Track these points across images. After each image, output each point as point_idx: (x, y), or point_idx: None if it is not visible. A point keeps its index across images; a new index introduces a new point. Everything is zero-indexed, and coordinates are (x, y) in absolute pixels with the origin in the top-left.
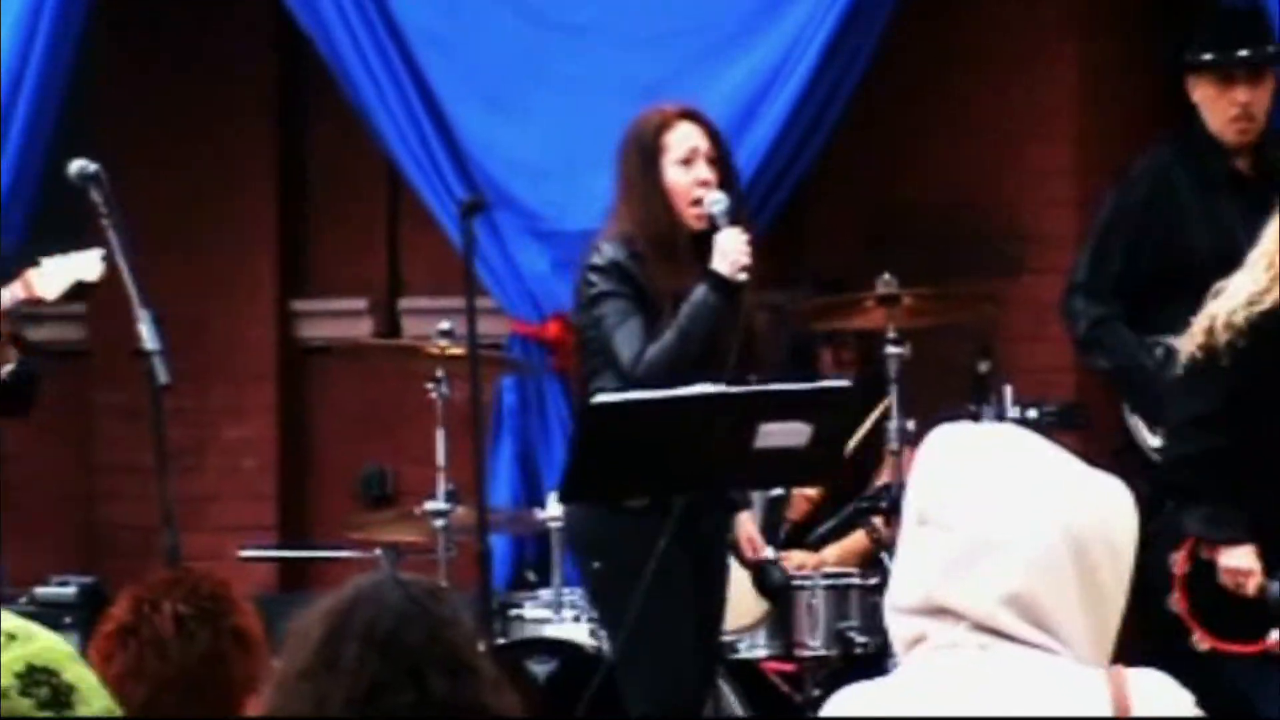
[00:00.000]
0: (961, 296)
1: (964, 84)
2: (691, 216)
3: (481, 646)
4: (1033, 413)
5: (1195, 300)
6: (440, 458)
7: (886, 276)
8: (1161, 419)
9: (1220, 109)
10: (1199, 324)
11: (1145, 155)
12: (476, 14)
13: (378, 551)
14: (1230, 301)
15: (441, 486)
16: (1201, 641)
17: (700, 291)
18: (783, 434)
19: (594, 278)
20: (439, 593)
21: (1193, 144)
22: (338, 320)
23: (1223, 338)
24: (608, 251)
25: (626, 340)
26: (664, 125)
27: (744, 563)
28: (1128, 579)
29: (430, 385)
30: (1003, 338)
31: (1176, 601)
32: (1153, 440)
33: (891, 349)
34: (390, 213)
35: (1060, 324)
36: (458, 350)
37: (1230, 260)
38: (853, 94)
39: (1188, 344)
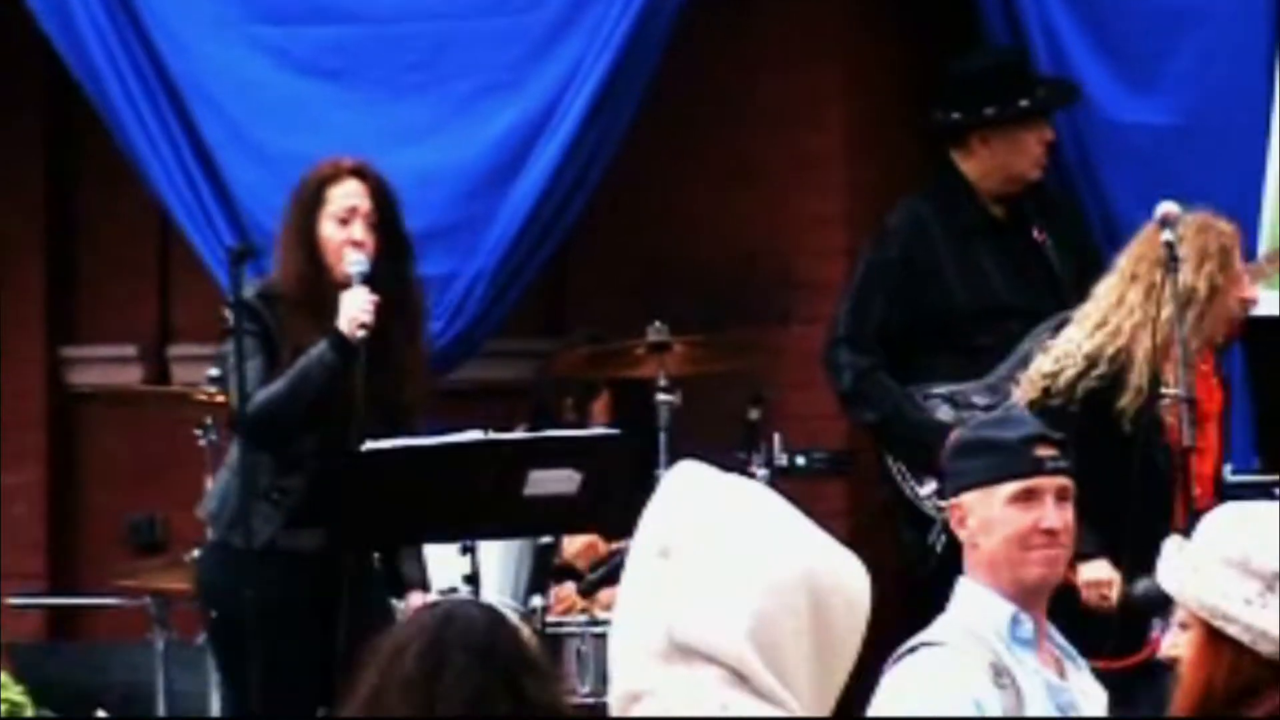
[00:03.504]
0: (732, 344)
1: (734, 133)
2: (338, 273)
3: None
4: (801, 460)
5: (956, 348)
6: None
7: (657, 324)
8: (927, 468)
9: (1028, 149)
10: (1032, 372)
11: (900, 208)
12: (239, 62)
13: (146, 599)
14: (1057, 361)
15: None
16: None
17: (319, 348)
18: (552, 481)
19: (226, 313)
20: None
21: (949, 195)
22: (107, 366)
23: (1054, 385)
24: (246, 291)
25: (239, 381)
26: (330, 179)
27: None
28: (857, 645)
29: (199, 432)
30: (773, 385)
31: None
32: (921, 489)
33: (662, 396)
34: (160, 259)
35: None
36: (225, 396)
37: (990, 310)
38: (623, 142)
39: (1020, 391)
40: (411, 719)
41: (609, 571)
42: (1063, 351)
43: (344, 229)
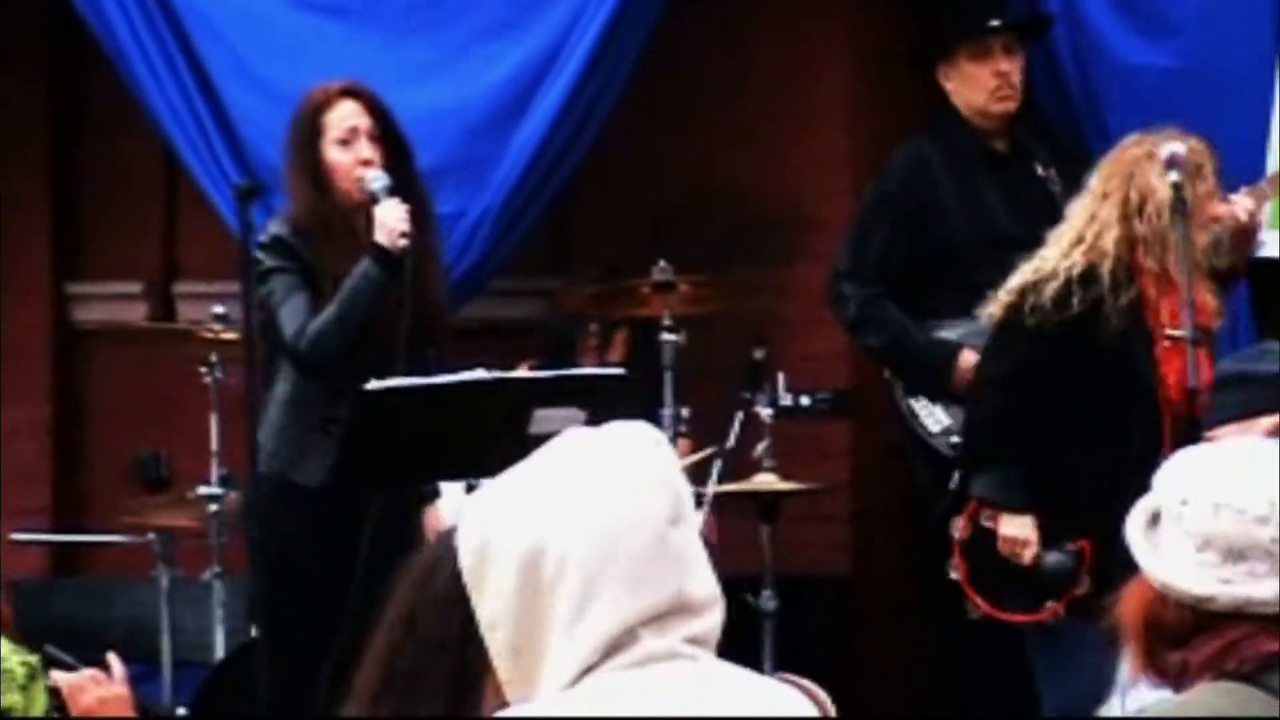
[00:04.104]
0: (737, 284)
1: (741, 76)
2: (355, 195)
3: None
4: (805, 400)
5: (960, 284)
6: (214, 442)
7: (662, 264)
8: (938, 389)
9: (981, 82)
10: (1005, 289)
11: (902, 148)
12: (246, 3)
13: (151, 536)
14: (1035, 273)
15: (215, 471)
16: (977, 609)
17: (362, 265)
18: (557, 420)
19: (260, 255)
20: None
21: (948, 130)
22: (112, 304)
23: (1027, 302)
24: (272, 229)
25: (290, 315)
26: (324, 105)
27: None
28: None
29: (204, 370)
30: (778, 326)
31: (956, 568)
32: (932, 425)
33: (666, 336)
34: (166, 197)
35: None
36: (232, 335)
37: (991, 242)
38: (628, 84)
39: (993, 307)
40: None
41: None
42: (1039, 267)
43: (349, 150)
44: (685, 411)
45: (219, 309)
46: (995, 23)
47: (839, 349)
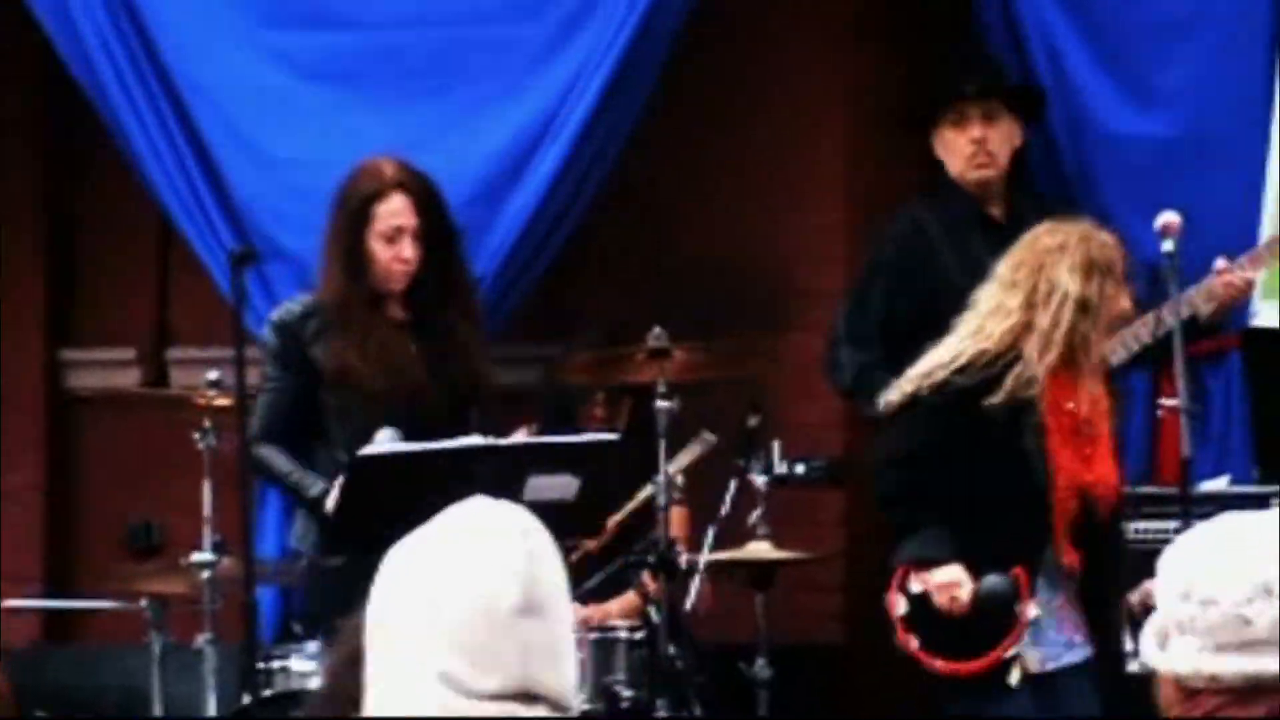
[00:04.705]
0: (731, 351)
1: (736, 143)
2: (385, 286)
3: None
4: (800, 468)
5: None
6: (207, 509)
7: (657, 330)
8: None
9: (958, 149)
10: (905, 377)
11: (897, 215)
12: (243, 67)
13: (143, 602)
14: (934, 362)
15: (208, 538)
16: (941, 672)
17: (314, 486)
18: (551, 487)
19: (266, 331)
20: None
21: (945, 195)
22: (105, 370)
23: (926, 387)
24: (284, 310)
25: (260, 412)
26: (376, 195)
27: None
28: None
29: (197, 435)
30: (773, 394)
31: (907, 642)
32: None
33: (661, 403)
34: (159, 262)
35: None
36: (225, 401)
37: None
38: (624, 151)
39: (893, 394)
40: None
41: (606, 579)
42: (937, 356)
43: (392, 246)
44: (680, 479)
45: (213, 375)
46: (970, 89)
47: (833, 418)
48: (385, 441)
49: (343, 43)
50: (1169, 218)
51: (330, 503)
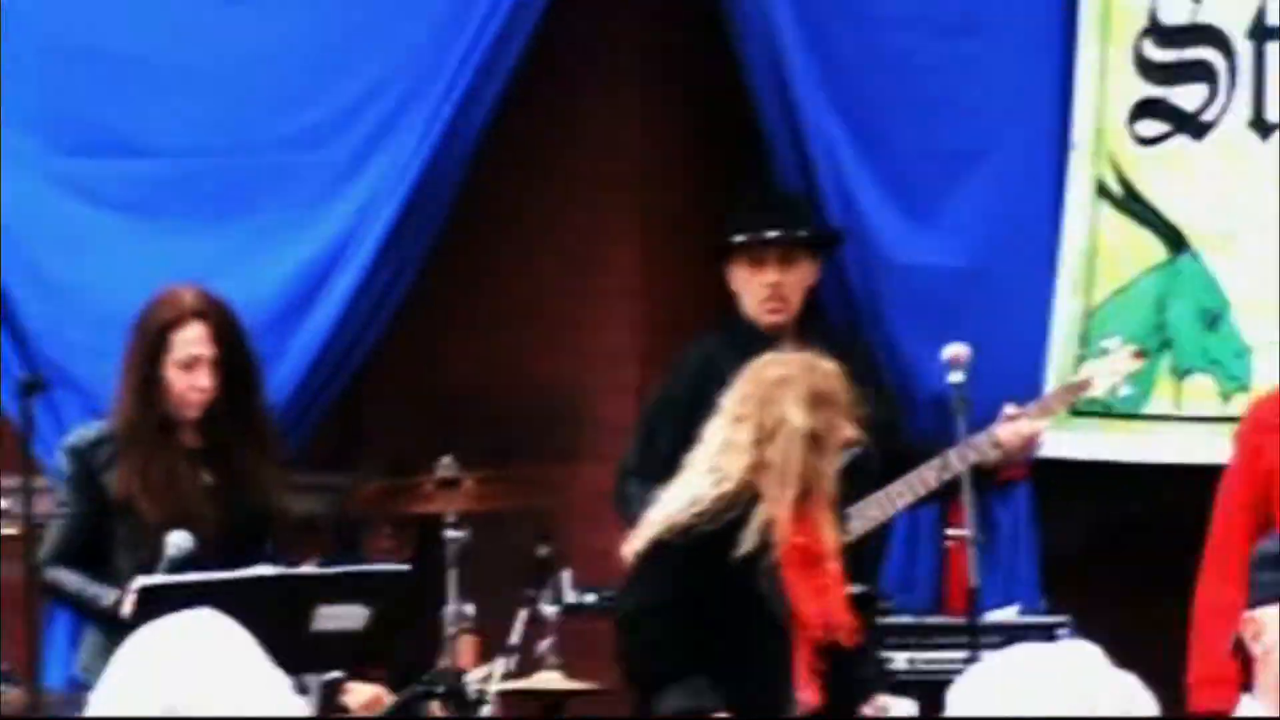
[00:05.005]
0: (522, 481)
1: (528, 268)
2: (184, 412)
3: None
4: (590, 598)
5: None
6: None
7: (446, 460)
8: None
9: (752, 290)
10: (645, 522)
11: (689, 346)
12: (33, 194)
13: None
14: (674, 505)
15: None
16: None
17: (106, 597)
18: (341, 616)
19: (60, 456)
20: None
21: (736, 330)
22: None
23: (665, 532)
24: (78, 436)
25: (54, 535)
26: (174, 323)
27: None
28: None
29: None
30: (563, 523)
31: None
32: None
33: (451, 533)
34: None
35: None
36: (13, 530)
37: None
38: (415, 276)
39: (637, 542)
40: None
41: (395, 709)
42: (675, 498)
43: (188, 375)
44: (470, 609)
45: (4, 503)
46: (772, 234)
47: None
48: (175, 546)
49: (135, 169)
50: (957, 349)
51: (127, 606)
